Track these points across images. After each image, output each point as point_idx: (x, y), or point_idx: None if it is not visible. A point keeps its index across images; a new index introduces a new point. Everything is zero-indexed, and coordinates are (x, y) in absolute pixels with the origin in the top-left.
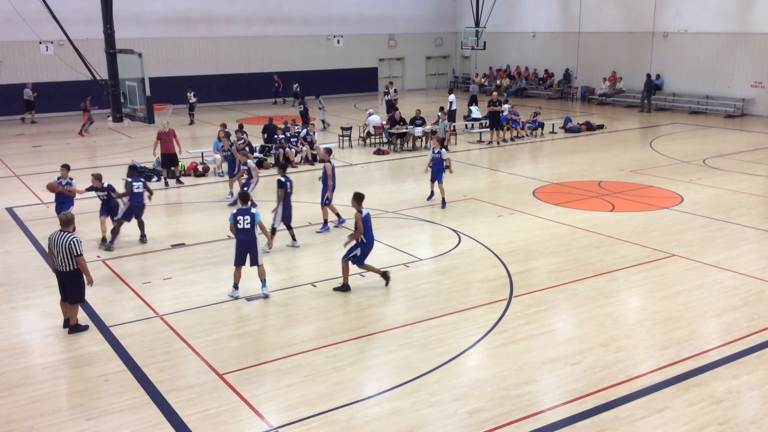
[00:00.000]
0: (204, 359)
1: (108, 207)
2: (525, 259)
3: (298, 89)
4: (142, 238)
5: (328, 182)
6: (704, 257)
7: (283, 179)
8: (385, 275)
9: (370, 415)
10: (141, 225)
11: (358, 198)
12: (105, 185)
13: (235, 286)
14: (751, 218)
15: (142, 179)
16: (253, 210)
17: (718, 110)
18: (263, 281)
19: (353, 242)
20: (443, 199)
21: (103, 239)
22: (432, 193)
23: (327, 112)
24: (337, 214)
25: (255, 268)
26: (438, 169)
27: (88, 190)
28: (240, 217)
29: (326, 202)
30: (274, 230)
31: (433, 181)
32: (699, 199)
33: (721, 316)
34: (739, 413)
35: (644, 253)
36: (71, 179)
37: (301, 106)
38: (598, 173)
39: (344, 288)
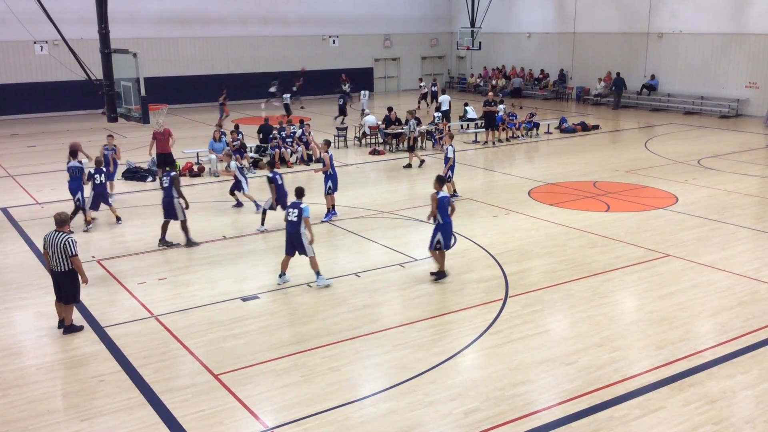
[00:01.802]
0: (199, 360)
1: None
2: (520, 260)
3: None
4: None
5: (327, 171)
6: (699, 257)
7: (271, 175)
8: (442, 274)
9: (365, 416)
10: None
11: (440, 180)
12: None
13: (281, 274)
14: (745, 218)
15: (170, 174)
16: (303, 205)
17: (712, 111)
18: (317, 273)
19: (432, 222)
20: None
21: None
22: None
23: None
24: (330, 207)
25: (257, 267)
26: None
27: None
28: (290, 210)
29: (329, 191)
30: (264, 211)
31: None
32: (694, 199)
33: (716, 316)
34: (733, 413)
35: (639, 254)
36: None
37: (341, 100)
38: (593, 173)
39: (440, 275)
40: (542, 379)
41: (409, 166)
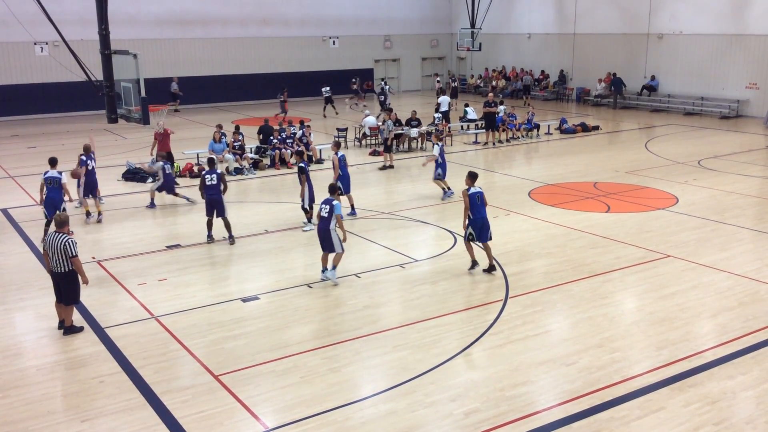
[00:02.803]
0: (199, 360)
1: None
2: (521, 260)
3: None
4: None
5: (335, 173)
6: (699, 258)
7: (303, 164)
8: (474, 264)
9: (365, 416)
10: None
11: (471, 176)
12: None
13: (324, 270)
14: (746, 219)
15: (217, 171)
16: (335, 202)
17: (712, 111)
18: (333, 266)
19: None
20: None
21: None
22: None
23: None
24: (350, 207)
25: (257, 267)
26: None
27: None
28: (323, 206)
29: (340, 192)
30: (306, 210)
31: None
32: (694, 200)
33: (716, 317)
34: (734, 413)
35: (639, 254)
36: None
37: (382, 96)
38: (593, 174)
39: (472, 265)
40: (543, 379)
41: (384, 167)
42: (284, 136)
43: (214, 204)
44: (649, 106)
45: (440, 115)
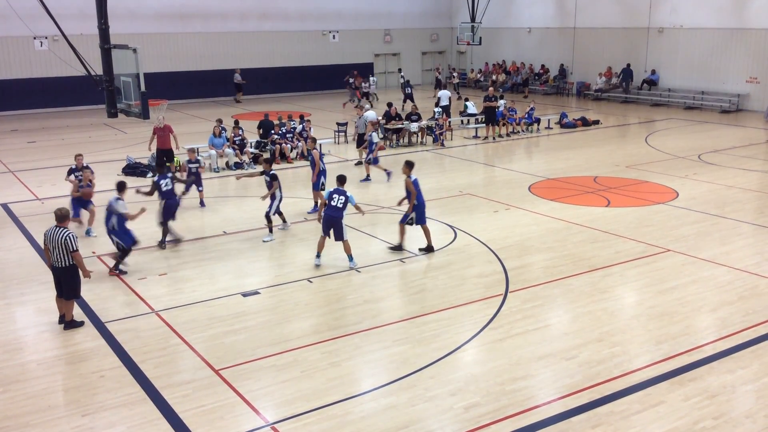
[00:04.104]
0: (200, 355)
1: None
2: (521, 255)
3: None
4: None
5: (315, 168)
6: (699, 252)
7: (274, 172)
8: (401, 246)
9: (366, 411)
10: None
11: (409, 165)
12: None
13: (318, 255)
14: (746, 213)
15: (169, 175)
16: (348, 193)
17: (713, 105)
18: (349, 256)
19: (411, 207)
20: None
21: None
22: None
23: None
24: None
25: (258, 262)
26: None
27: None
28: (335, 195)
29: (321, 187)
30: (269, 218)
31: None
32: (694, 194)
33: (716, 311)
34: (733, 407)
35: (639, 249)
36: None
37: (408, 88)
38: (593, 168)
39: (398, 248)
40: (542, 374)
41: (360, 163)
42: (284, 130)
43: (173, 208)
44: (649, 100)
45: (440, 109)
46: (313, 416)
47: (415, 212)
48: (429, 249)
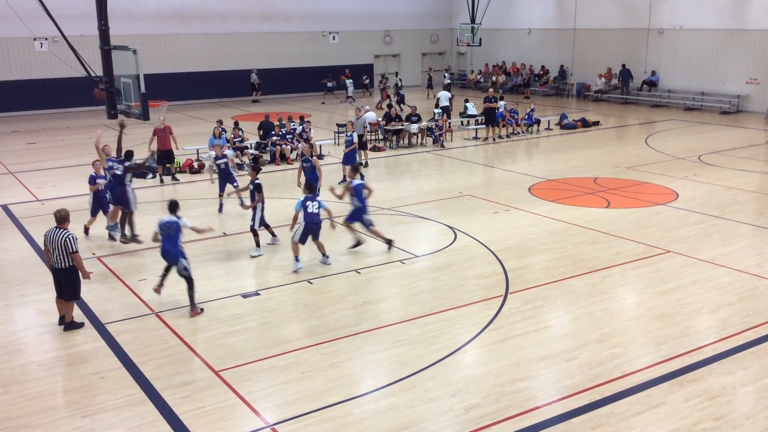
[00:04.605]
0: (200, 356)
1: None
2: (520, 256)
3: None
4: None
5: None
6: (699, 253)
7: (258, 181)
8: (389, 242)
9: (366, 412)
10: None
11: (354, 170)
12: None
13: (297, 259)
14: (746, 214)
15: (125, 163)
16: (319, 198)
17: (713, 107)
18: (324, 254)
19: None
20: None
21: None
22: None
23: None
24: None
25: (257, 263)
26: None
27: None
28: (309, 203)
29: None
30: (255, 232)
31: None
32: (694, 195)
33: (716, 312)
34: (734, 409)
35: (639, 250)
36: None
37: (401, 92)
38: (593, 170)
39: (357, 244)
40: (542, 375)
41: (361, 164)
42: (284, 131)
43: (120, 196)
44: (649, 101)
45: (440, 110)
46: (314, 417)
47: (354, 213)
48: (357, 244)
